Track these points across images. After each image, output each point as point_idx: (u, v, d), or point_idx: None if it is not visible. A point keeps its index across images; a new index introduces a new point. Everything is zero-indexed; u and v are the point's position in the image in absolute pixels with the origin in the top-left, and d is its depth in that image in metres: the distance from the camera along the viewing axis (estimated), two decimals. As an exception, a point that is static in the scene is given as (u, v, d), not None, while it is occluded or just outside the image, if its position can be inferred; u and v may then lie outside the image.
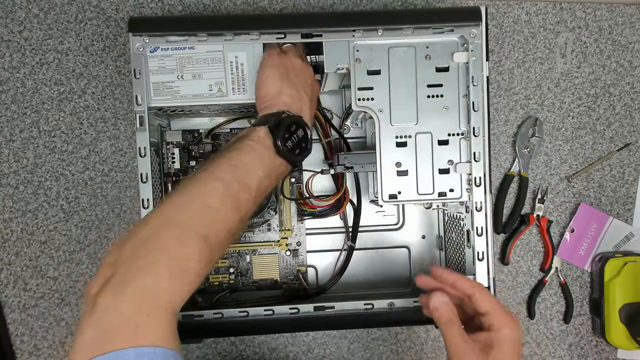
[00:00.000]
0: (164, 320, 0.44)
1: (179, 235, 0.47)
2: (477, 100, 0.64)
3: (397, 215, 0.80)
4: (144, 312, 0.43)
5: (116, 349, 0.40)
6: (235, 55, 0.65)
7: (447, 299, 0.54)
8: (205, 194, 0.50)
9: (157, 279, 0.44)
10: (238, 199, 0.52)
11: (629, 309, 0.80)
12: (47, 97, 0.79)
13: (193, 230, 0.48)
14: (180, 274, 0.46)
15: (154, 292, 0.44)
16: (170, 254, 0.46)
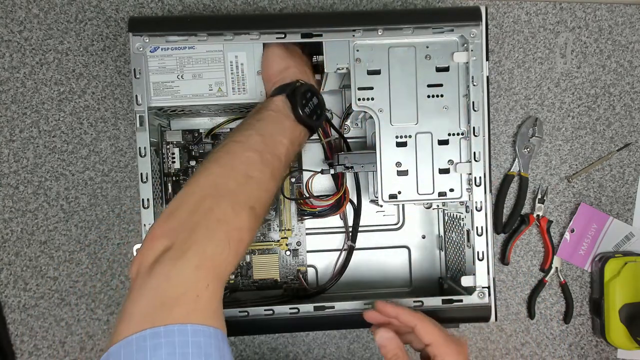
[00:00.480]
0: (219, 293, 0.44)
1: (233, 205, 0.47)
2: (477, 100, 0.64)
3: (397, 215, 0.81)
4: (204, 283, 0.42)
5: (175, 319, 0.40)
6: (235, 55, 0.65)
7: (391, 334, 0.54)
8: (245, 164, 0.51)
9: (218, 248, 0.44)
10: (273, 168, 0.53)
11: (629, 309, 0.80)
12: (47, 97, 0.79)
13: (243, 201, 0.48)
14: (236, 245, 0.46)
15: (215, 262, 0.44)
16: (229, 223, 0.46)
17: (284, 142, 0.56)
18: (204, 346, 0.40)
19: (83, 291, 0.79)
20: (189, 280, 0.42)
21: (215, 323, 0.42)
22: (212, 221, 0.45)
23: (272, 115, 0.57)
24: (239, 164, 0.51)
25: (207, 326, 0.41)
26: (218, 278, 0.44)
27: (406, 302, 0.65)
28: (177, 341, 0.39)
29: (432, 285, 0.80)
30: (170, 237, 0.44)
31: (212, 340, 0.41)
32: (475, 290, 0.65)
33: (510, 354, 0.84)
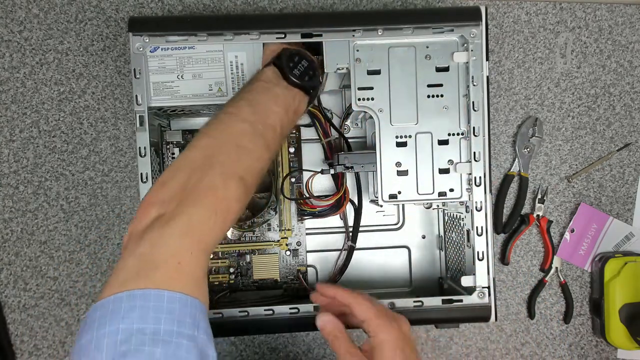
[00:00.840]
0: (202, 262, 0.45)
1: (222, 175, 0.48)
2: (477, 100, 0.64)
3: (397, 215, 0.81)
4: (188, 250, 0.43)
5: (154, 284, 0.41)
6: (235, 55, 0.65)
7: (329, 317, 0.54)
8: (235, 135, 0.51)
9: (205, 217, 0.45)
10: (266, 138, 0.53)
11: (629, 309, 0.80)
12: (47, 97, 0.79)
13: (233, 171, 0.48)
14: (224, 214, 0.47)
15: (200, 230, 0.45)
16: (217, 193, 0.47)
17: (276, 110, 0.55)
18: (179, 314, 0.40)
19: (83, 291, 0.79)
20: (172, 247, 0.43)
21: (195, 292, 0.43)
22: (200, 191, 0.46)
23: (262, 85, 0.56)
24: (229, 135, 0.51)
25: (185, 294, 0.42)
26: (203, 246, 0.45)
27: (406, 302, 0.65)
28: (152, 305, 0.40)
29: (432, 285, 0.80)
30: (161, 206, 0.45)
31: (188, 309, 0.41)
32: (475, 290, 0.65)
33: (510, 354, 0.84)
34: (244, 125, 0.52)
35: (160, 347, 0.38)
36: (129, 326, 0.38)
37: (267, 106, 0.54)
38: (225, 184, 0.48)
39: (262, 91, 0.56)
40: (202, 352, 0.41)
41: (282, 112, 0.55)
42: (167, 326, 0.39)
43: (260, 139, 0.52)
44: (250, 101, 0.55)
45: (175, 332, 0.40)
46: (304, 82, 0.58)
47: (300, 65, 0.59)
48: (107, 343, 0.38)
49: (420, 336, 0.83)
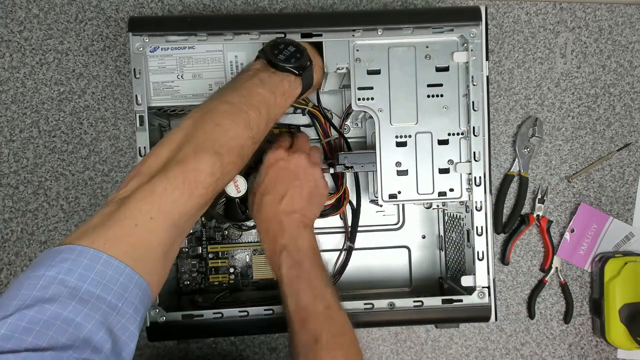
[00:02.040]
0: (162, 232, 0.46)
1: (195, 150, 0.49)
2: (477, 100, 0.64)
3: (397, 215, 0.80)
4: (147, 214, 0.45)
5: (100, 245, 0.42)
6: (235, 55, 0.65)
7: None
8: (214, 114, 0.53)
9: (170, 185, 0.47)
10: (247, 117, 0.53)
11: (629, 309, 0.80)
12: (47, 97, 0.79)
13: (207, 146, 0.50)
14: (192, 185, 0.48)
15: (164, 198, 0.46)
16: (186, 165, 0.48)
17: (261, 92, 0.55)
18: (108, 279, 0.41)
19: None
20: (132, 210, 0.45)
21: (140, 264, 0.44)
22: (172, 164, 0.48)
23: (248, 73, 0.57)
24: (209, 114, 0.53)
25: (124, 265, 0.42)
26: (166, 215, 0.46)
27: (406, 302, 0.65)
28: (85, 263, 0.41)
29: (432, 285, 0.80)
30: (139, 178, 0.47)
31: (120, 279, 0.42)
32: (475, 290, 0.65)
33: (510, 354, 0.84)
34: (224, 106, 0.53)
35: (74, 302, 0.39)
36: (54, 275, 0.40)
37: (251, 89, 0.55)
38: (196, 156, 0.49)
39: (247, 78, 0.57)
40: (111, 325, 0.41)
41: (267, 94, 0.56)
42: (91, 287, 0.40)
43: (240, 118, 0.53)
44: (234, 86, 0.56)
45: (96, 295, 0.40)
46: (289, 64, 0.58)
47: (285, 51, 0.59)
48: (28, 285, 0.39)
49: (420, 336, 0.83)
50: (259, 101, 0.55)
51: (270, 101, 0.56)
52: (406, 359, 0.83)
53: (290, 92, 0.59)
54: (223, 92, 0.56)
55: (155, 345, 0.80)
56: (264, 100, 0.55)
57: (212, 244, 0.77)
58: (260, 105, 0.55)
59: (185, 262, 0.76)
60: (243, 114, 0.53)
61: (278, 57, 0.58)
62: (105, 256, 0.41)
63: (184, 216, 0.48)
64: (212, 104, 0.54)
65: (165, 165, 0.48)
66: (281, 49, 0.59)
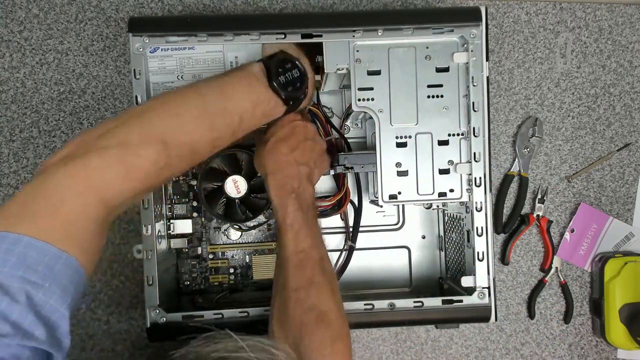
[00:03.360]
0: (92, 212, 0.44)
1: (142, 131, 0.47)
2: (477, 101, 0.64)
3: (397, 215, 0.80)
4: (75, 190, 0.43)
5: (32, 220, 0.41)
6: (235, 56, 0.65)
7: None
8: (179, 103, 0.50)
9: (105, 164, 0.45)
10: (215, 118, 0.52)
11: (629, 309, 0.80)
12: (47, 97, 0.79)
13: (155, 132, 0.48)
14: (128, 168, 0.46)
15: (96, 176, 0.44)
16: (126, 146, 0.46)
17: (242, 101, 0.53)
18: (31, 261, 0.40)
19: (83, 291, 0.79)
20: (60, 184, 0.43)
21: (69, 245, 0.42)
22: (112, 141, 0.46)
23: (241, 75, 0.55)
24: (176, 101, 0.50)
25: (49, 245, 0.41)
26: (97, 195, 0.44)
27: (406, 302, 0.66)
28: (4, 248, 0.39)
29: (432, 285, 0.80)
30: (76, 147, 0.45)
31: (45, 259, 0.40)
32: (475, 291, 0.65)
33: (510, 354, 0.84)
34: (197, 100, 0.51)
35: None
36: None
37: (234, 93, 0.53)
38: (141, 139, 0.47)
39: (239, 79, 0.55)
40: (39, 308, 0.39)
41: (248, 105, 0.54)
42: (13, 270, 0.39)
43: (207, 118, 0.51)
44: (220, 83, 0.54)
45: (18, 277, 0.39)
46: (285, 91, 0.57)
47: (289, 73, 0.57)
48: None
49: (420, 336, 0.83)
50: (235, 108, 0.53)
51: (247, 113, 0.54)
52: (406, 359, 0.83)
53: (272, 113, 0.58)
54: (206, 84, 0.54)
55: (156, 346, 0.80)
56: (242, 110, 0.54)
57: (212, 244, 0.77)
58: (234, 112, 0.53)
59: (185, 263, 0.76)
60: (211, 115, 0.52)
61: (279, 77, 0.56)
62: (27, 238, 0.40)
63: (116, 197, 0.46)
64: (187, 91, 0.52)
65: (104, 140, 0.46)
66: (287, 68, 0.57)
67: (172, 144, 0.48)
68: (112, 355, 0.80)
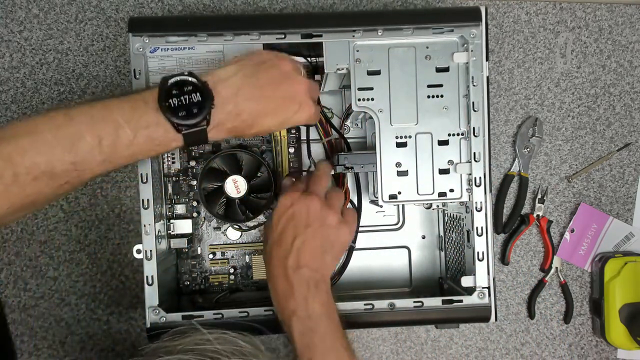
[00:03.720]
0: None
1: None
2: (477, 101, 0.64)
3: (397, 215, 0.80)
4: None
5: None
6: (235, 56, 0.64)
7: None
8: (40, 122, 0.47)
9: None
10: (77, 141, 0.46)
11: (629, 309, 0.80)
12: (47, 97, 0.79)
13: (4, 150, 0.45)
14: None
15: None
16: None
17: (119, 122, 0.47)
18: None
19: (83, 291, 0.79)
20: None
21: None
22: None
23: (129, 96, 0.50)
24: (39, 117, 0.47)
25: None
26: None
27: (406, 302, 0.65)
28: None
29: (432, 285, 0.80)
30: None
31: None
32: (475, 291, 0.65)
33: (510, 354, 0.84)
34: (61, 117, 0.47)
35: None
36: None
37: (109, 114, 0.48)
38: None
39: (122, 102, 0.49)
40: None
41: (128, 130, 0.48)
42: None
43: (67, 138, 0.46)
44: (100, 105, 0.49)
45: None
46: (175, 117, 0.48)
47: (185, 97, 0.49)
48: None
49: (420, 336, 0.83)
50: (108, 131, 0.47)
51: (124, 138, 0.47)
52: (406, 359, 0.83)
53: (163, 142, 0.50)
54: (83, 106, 0.49)
55: (156, 346, 0.80)
56: (116, 133, 0.47)
57: (212, 244, 0.77)
58: (107, 134, 0.47)
59: (185, 263, 0.76)
60: (73, 137, 0.46)
61: (169, 100, 0.48)
62: None
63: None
64: (56, 112, 0.48)
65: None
66: (185, 91, 0.49)
67: (21, 163, 0.45)
68: (112, 355, 0.80)
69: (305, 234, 0.56)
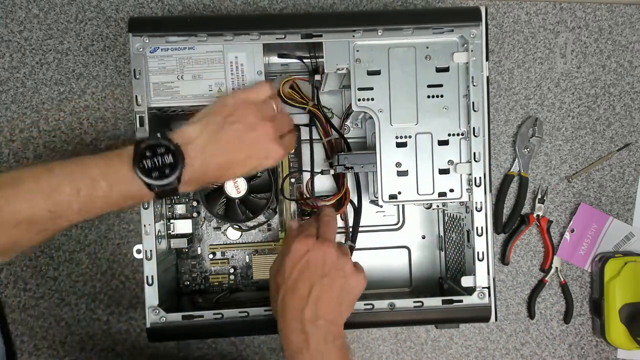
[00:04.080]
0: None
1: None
2: (477, 101, 0.64)
3: (397, 215, 0.80)
4: None
5: None
6: (235, 56, 0.65)
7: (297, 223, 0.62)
8: (23, 174, 0.50)
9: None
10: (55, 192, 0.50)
11: (629, 309, 0.80)
12: (47, 97, 0.79)
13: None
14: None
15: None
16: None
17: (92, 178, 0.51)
18: None
19: (83, 291, 0.79)
20: None
21: None
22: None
23: (105, 154, 0.53)
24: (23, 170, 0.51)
25: None
26: None
27: (406, 302, 0.65)
28: None
29: (432, 285, 0.80)
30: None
31: None
32: (475, 291, 0.65)
33: (510, 354, 0.84)
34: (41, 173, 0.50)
35: None
36: None
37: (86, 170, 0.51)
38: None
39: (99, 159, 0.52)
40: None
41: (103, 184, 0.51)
42: None
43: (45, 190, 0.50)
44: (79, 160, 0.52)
45: None
46: (149, 177, 0.52)
47: (157, 158, 0.52)
48: None
49: (420, 336, 0.83)
50: (85, 183, 0.50)
51: (99, 191, 0.51)
52: (406, 359, 0.83)
53: (136, 197, 0.53)
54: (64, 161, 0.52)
55: (156, 346, 0.80)
56: (91, 187, 0.50)
57: (212, 244, 0.77)
58: (84, 187, 0.50)
59: (185, 263, 0.76)
60: (52, 188, 0.49)
61: (143, 161, 0.52)
62: None
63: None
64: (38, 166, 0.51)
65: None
66: (157, 153, 0.52)
67: (5, 209, 0.48)
68: (112, 355, 0.80)
69: (322, 284, 0.55)
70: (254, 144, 0.57)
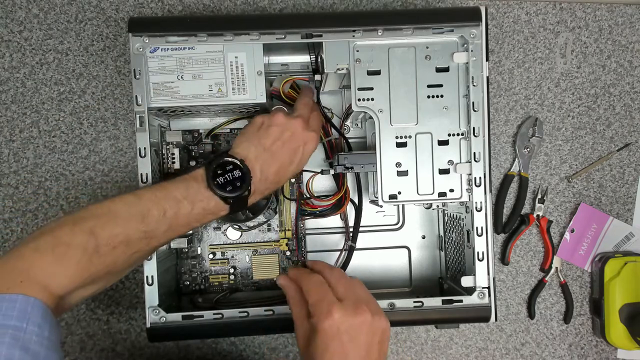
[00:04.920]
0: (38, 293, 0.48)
1: (72, 227, 0.51)
2: (477, 101, 0.64)
3: (397, 215, 0.81)
4: (18, 278, 0.48)
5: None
6: (235, 56, 0.65)
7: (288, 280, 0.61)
8: (114, 201, 0.55)
9: (38, 254, 0.49)
10: (147, 213, 0.54)
11: (629, 309, 0.80)
12: (47, 97, 0.79)
13: (86, 225, 0.52)
14: (61, 256, 0.50)
15: (32, 266, 0.49)
16: (59, 238, 0.51)
17: (178, 197, 0.56)
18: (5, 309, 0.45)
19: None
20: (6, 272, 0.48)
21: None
22: (46, 235, 0.51)
23: (182, 177, 0.59)
24: (109, 201, 0.55)
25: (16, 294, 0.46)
26: (36, 281, 0.48)
27: (406, 302, 0.65)
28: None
29: (432, 285, 0.80)
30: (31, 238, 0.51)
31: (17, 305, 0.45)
32: (475, 291, 0.65)
33: (510, 354, 0.84)
34: (130, 197, 0.55)
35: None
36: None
37: (170, 191, 0.57)
38: (71, 232, 0.51)
39: (178, 181, 0.58)
40: (25, 346, 0.44)
41: (186, 202, 0.57)
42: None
43: (137, 210, 0.55)
44: (160, 185, 0.58)
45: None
46: (223, 191, 0.58)
47: (229, 175, 0.59)
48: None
49: (420, 336, 0.83)
50: (169, 204, 0.56)
51: (183, 209, 0.57)
52: (406, 359, 0.83)
53: (214, 211, 0.59)
54: (147, 187, 0.58)
55: (156, 345, 0.80)
56: (176, 206, 0.56)
57: (212, 244, 0.77)
58: (169, 207, 0.56)
59: (185, 263, 0.76)
60: (144, 210, 0.54)
61: (216, 179, 0.58)
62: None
63: (60, 287, 0.50)
64: (126, 194, 0.56)
65: (43, 237, 0.50)
66: (227, 170, 0.59)
67: (101, 234, 0.52)
68: (112, 355, 0.80)
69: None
70: (291, 140, 0.62)
